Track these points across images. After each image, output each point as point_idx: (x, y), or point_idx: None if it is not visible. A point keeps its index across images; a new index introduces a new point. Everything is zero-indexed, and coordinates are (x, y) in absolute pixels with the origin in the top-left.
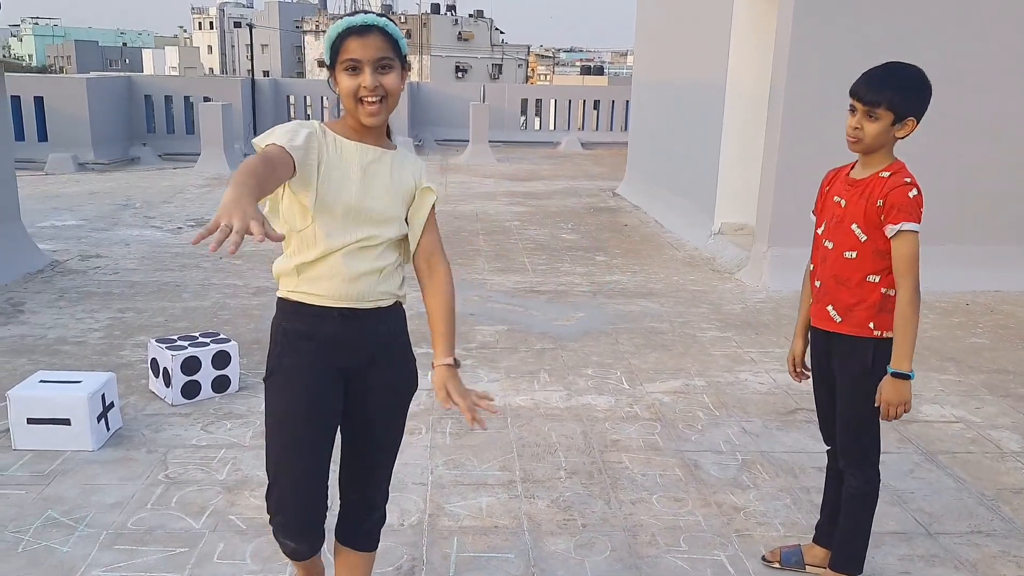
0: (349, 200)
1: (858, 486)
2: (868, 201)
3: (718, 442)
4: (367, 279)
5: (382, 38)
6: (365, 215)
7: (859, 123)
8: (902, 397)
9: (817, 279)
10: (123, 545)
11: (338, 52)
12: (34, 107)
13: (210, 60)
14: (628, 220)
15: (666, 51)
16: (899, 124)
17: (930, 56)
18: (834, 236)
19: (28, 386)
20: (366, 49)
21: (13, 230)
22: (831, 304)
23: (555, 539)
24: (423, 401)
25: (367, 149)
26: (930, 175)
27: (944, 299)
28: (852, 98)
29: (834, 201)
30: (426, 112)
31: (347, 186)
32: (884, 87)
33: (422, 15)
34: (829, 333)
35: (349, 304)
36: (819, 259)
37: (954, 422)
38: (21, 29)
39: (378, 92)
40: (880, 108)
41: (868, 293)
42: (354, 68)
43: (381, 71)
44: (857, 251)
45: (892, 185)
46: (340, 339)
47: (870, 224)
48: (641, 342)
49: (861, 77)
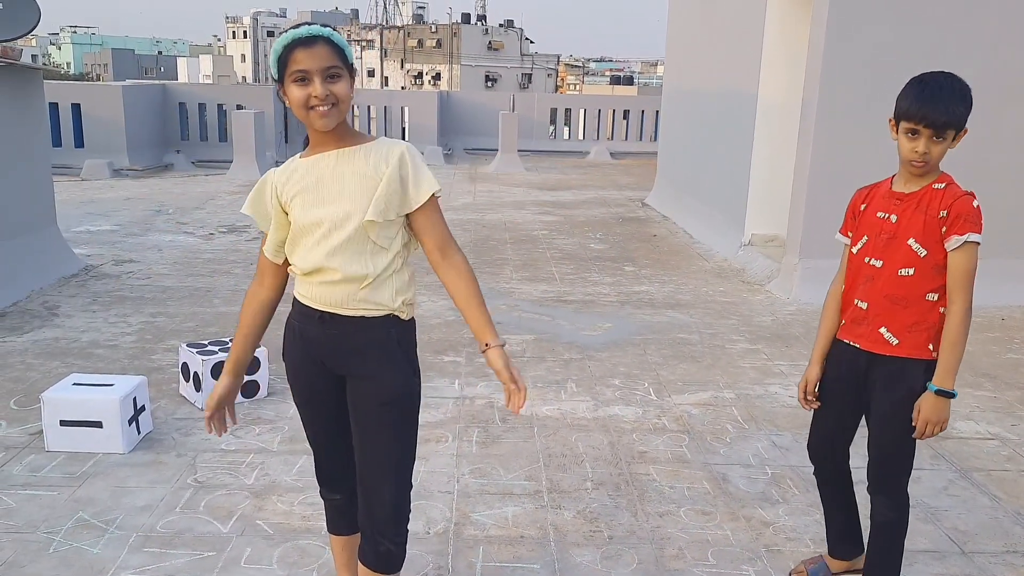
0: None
1: (887, 513)
2: (927, 214)
3: (747, 455)
4: (346, 286)
5: (328, 48)
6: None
7: (927, 148)
8: (942, 416)
9: (863, 300)
10: (152, 548)
11: (286, 64)
12: (71, 114)
13: (243, 68)
14: (657, 230)
15: (697, 61)
16: (957, 138)
17: (970, 67)
18: (884, 254)
19: (62, 388)
20: (313, 59)
21: (50, 235)
22: (885, 326)
23: (581, 550)
24: (449, 409)
25: (317, 159)
26: (965, 186)
27: (979, 314)
28: (912, 122)
29: (879, 218)
30: (456, 121)
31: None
32: (949, 107)
33: (452, 24)
34: (876, 356)
35: (329, 309)
36: (862, 279)
37: (989, 439)
38: (60, 37)
39: (329, 100)
40: (948, 131)
41: (927, 313)
42: (303, 79)
43: (330, 80)
44: (915, 267)
45: (954, 195)
46: (318, 342)
47: (930, 238)
48: (669, 353)
49: (916, 100)
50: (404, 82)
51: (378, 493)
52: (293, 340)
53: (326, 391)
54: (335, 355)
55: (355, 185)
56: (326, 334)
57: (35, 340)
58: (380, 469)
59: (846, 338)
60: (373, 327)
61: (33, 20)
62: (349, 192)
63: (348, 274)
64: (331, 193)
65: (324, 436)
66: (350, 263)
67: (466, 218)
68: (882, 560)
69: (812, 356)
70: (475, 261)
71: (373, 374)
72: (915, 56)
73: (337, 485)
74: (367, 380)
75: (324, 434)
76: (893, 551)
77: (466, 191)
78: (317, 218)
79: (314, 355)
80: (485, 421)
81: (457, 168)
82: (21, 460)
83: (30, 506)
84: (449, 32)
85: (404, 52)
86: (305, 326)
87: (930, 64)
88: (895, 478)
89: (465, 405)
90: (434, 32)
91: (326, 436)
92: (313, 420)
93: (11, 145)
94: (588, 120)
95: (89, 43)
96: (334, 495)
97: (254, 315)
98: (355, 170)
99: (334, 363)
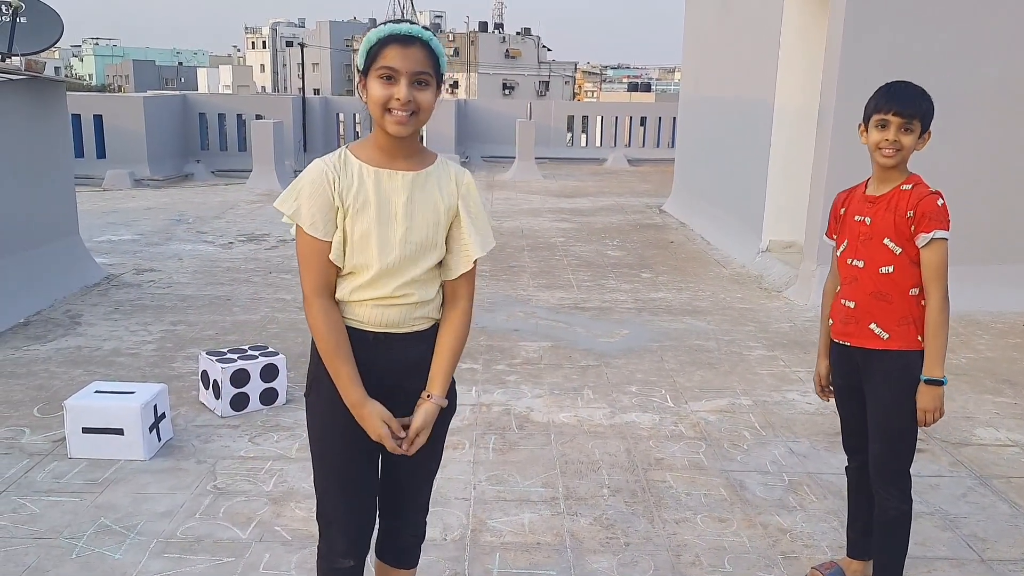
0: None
1: (897, 506)
2: (896, 214)
3: (764, 462)
4: (409, 307)
5: (424, 52)
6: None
7: (895, 136)
8: (938, 403)
9: (849, 299)
10: (172, 553)
11: (375, 58)
12: (94, 125)
13: (262, 78)
14: (674, 237)
15: (714, 67)
16: (921, 138)
17: (987, 71)
18: (864, 254)
19: (84, 396)
20: (406, 60)
21: (72, 244)
22: (874, 322)
23: (597, 557)
24: (466, 416)
25: (388, 176)
26: (985, 193)
27: (1000, 320)
28: (882, 114)
29: (855, 220)
30: (473, 129)
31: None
32: (916, 100)
33: (470, 33)
34: (870, 351)
35: (384, 329)
36: (847, 280)
37: (1009, 445)
38: (82, 49)
39: (410, 107)
40: (915, 120)
41: (912, 307)
42: (389, 77)
43: (417, 85)
44: (894, 265)
45: (920, 195)
46: (371, 363)
47: (902, 236)
48: (686, 360)
49: (884, 94)
50: None
51: (420, 495)
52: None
53: None
54: (389, 374)
55: (426, 215)
56: (382, 355)
57: (58, 348)
58: (425, 479)
59: (837, 339)
60: (425, 339)
61: (56, 33)
62: (420, 222)
63: (421, 299)
64: (401, 217)
65: (357, 473)
66: (423, 289)
67: None
68: (895, 556)
69: (818, 351)
70: (492, 268)
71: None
72: (932, 60)
73: (364, 545)
74: (417, 394)
75: (358, 471)
76: (903, 545)
77: (483, 199)
78: (384, 240)
79: (367, 380)
80: (502, 428)
81: (474, 176)
82: (44, 467)
83: (53, 512)
84: (467, 40)
85: None
86: (355, 349)
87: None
88: (903, 468)
89: (482, 412)
90: (452, 40)
91: (360, 473)
92: (346, 452)
93: (34, 156)
94: (605, 127)
95: (111, 55)
96: (348, 560)
97: (344, 331)
98: (427, 198)
99: (386, 383)
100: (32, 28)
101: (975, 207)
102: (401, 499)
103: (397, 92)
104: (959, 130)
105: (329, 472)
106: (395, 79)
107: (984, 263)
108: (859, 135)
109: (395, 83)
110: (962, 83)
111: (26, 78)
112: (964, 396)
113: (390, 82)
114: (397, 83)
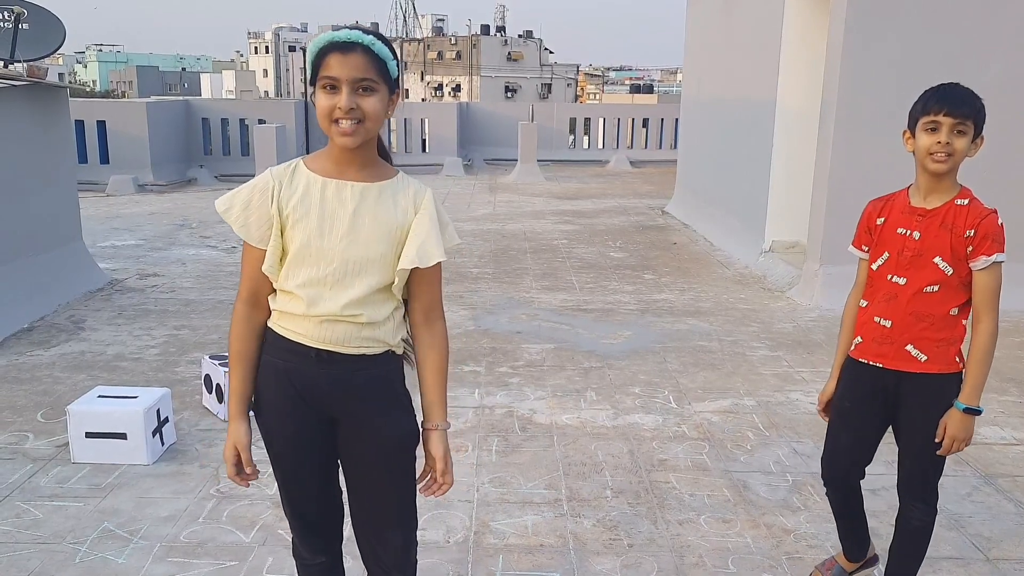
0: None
1: (922, 518)
2: (953, 233)
3: (768, 463)
4: (352, 325)
5: (365, 57)
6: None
7: (948, 139)
8: (968, 433)
9: (885, 318)
10: (176, 557)
11: (318, 68)
12: (97, 131)
13: (265, 83)
14: (677, 238)
15: (715, 68)
16: (974, 142)
17: (989, 72)
18: (908, 271)
19: (87, 401)
20: (345, 68)
21: (75, 250)
22: (912, 343)
23: (601, 559)
24: (469, 419)
25: (336, 187)
26: (991, 192)
27: (1005, 319)
28: (933, 115)
29: (900, 234)
30: (475, 132)
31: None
32: (968, 100)
33: (472, 36)
34: (906, 375)
35: (327, 346)
36: (884, 297)
37: (1015, 444)
38: (86, 56)
39: (354, 115)
40: (968, 121)
41: (952, 328)
42: (332, 87)
43: (362, 92)
44: (940, 285)
45: (981, 214)
46: (314, 383)
47: (956, 256)
48: (689, 361)
49: (935, 96)
50: (424, 94)
51: (385, 539)
52: (277, 381)
53: (318, 436)
54: (331, 396)
55: (374, 229)
56: (325, 373)
57: (62, 354)
58: (388, 514)
59: (866, 358)
60: (374, 364)
61: (58, 40)
62: (365, 236)
63: (370, 320)
64: (344, 231)
65: (313, 489)
66: (371, 309)
67: (486, 228)
68: (911, 564)
69: (833, 371)
70: (495, 271)
71: (375, 415)
72: (934, 61)
73: (325, 545)
74: (368, 422)
75: (313, 487)
76: (921, 553)
77: (486, 201)
78: (323, 254)
79: (307, 396)
80: (505, 430)
81: (477, 179)
82: (48, 472)
83: (57, 517)
84: (469, 44)
85: (424, 64)
86: (296, 365)
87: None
88: (933, 487)
89: (485, 414)
90: (454, 44)
91: (316, 489)
92: (298, 472)
93: (38, 162)
94: (608, 129)
95: (114, 61)
96: (319, 557)
97: (255, 342)
98: (377, 214)
99: (330, 405)
100: (35, 34)
101: None
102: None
103: (339, 101)
104: None
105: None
106: (337, 88)
107: None
108: (904, 143)
109: (337, 92)
110: (965, 83)
111: (29, 84)
112: None
113: (333, 92)
114: (339, 92)
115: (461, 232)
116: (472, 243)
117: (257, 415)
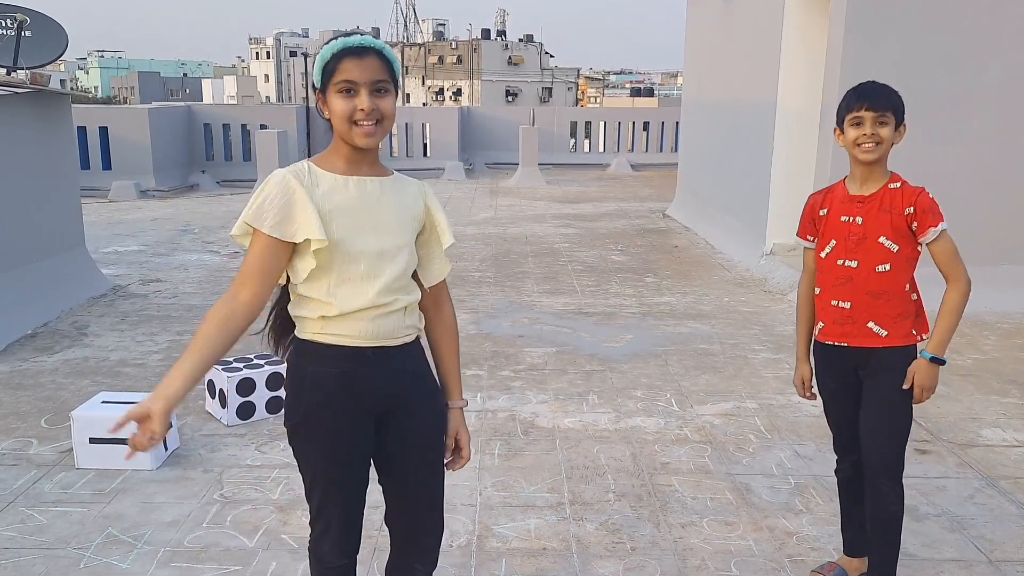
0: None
1: (895, 501)
2: (892, 213)
3: (770, 465)
4: (399, 315)
5: (379, 61)
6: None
7: (873, 130)
8: (934, 382)
9: (843, 300)
10: (180, 562)
11: (332, 73)
12: (99, 137)
13: (267, 88)
14: (678, 241)
15: (716, 71)
16: (897, 130)
17: (989, 73)
18: (857, 254)
19: (91, 407)
20: (363, 71)
21: (78, 256)
22: (872, 320)
23: (604, 562)
24: (472, 422)
25: (360, 183)
26: (992, 193)
27: (1006, 320)
28: (856, 111)
29: (843, 221)
30: (476, 136)
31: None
32: (885, 94)
33: (472, 40)
34: (870, 349)
35: (380, 343)
36: (837, 280)
37: (1016, 446)
38: (88, 62)
39: (374, 115)
40: (888, 112)
41: (906, 303)
42: (349, 90)
43: (378, 94)
44: (890, 263)
45: (914, 193)
46: (372, 382)
47: (899, 234)
48: (691, 364)
49: (855, 94)
50: (425, 98)
51: (424, 526)
52: (336, 390)
53: (369, 440)
54: (385, 393)
55: (398, 218)
56: (380, 372)
57: (65, 359)
58: (433, 498)
59: (830, 340)
60: (414, 351)
61: (61, 46)
62: (395, 224)
63: (408, 303)
64: (377, 222)
65: (356, 493)
66: (406, 294)
67: (488, 232)
68: (890, 553)
69: (798, 355)
70: (497, 274)
71: (422, 400)
72: (934, 61)
73: (355, 546)
74: (417, 409)
75: (362, 490)
76: (899, 537)
77: (487, 205)
78: (364, 246)
79: (364, 400)
80: (507, 434)
81: (478, 183)
82: (52, 477)
83: (61, 522)
84: (469, 48)
85: (425, 69)
86: (353, 368)
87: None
88: (899, 463)
89: (487, 418)
90: (454, 48)
91: (358, 492)
92: (351, 477)
93: (40, 168)
94: (608, 132)
95: (116, 67)
96: (344, 559)
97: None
98: (398, 202)
99: (384, 401)
100: (37, 41)
101: (980, 208)
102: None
103: (360, 103)
104: (963, 130)
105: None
106: (355, 91)
107: (990, 263)
108: (835, 139)
109: (356, 95)
110: (964, 83)
111: (31, 91)
112: (970, 397)
113: (351, 95)
114: (358, 94)
115: (463, 236)
116: (474, 247)
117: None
